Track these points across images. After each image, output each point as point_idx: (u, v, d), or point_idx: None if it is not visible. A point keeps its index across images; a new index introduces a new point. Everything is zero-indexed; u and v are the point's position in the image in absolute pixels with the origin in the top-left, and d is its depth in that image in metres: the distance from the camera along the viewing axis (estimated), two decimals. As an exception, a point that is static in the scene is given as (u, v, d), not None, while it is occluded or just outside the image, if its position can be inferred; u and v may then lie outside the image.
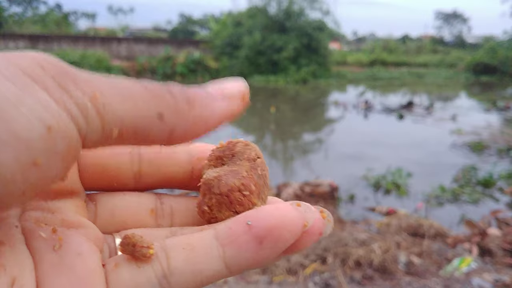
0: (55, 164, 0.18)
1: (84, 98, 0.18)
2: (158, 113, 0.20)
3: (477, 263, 2.50)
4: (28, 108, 0.16)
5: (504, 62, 21.74)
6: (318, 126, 8.78)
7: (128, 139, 0.20)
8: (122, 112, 0.19)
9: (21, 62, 0.18)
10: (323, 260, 2.53)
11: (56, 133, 0.17)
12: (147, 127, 0.20)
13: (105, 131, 0.19)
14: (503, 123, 8.54)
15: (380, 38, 34.39)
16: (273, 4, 19.09)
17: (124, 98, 0.20)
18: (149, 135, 0.21)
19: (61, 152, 0.18)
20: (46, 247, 0.21)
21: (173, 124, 0.21)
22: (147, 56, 18.79)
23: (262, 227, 0.21)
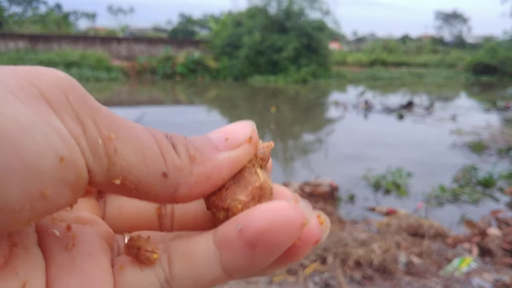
0: (64, 195, 0.17)
1: (98, 135, 0.18)
2: (163, 172, 0.20)
3: (477, 263, 2.50)
4: (42, 135, 0.15)
5: (504, 62, 21.75)
6: (318, 126, 8.78)
7: (129, 190, 0.20)
8: (131, 163, 0.19)
9: (41, 83, 0.17)
10: (323, 260, 2.53)
11: (68, 164, 0.16)
12: (151, 183, 0.20)
13: (108, 177, 0.19)
14: (503, 123, 8.55)
15: (380, 38, 34.40)
16: (273, 4, 19.11)
17: (137, 150, 0.19)
18: (151, 192, 0.20)
19: (70, 184, 0.17)
20: (59, 247, 0.21)
21: (177, 182, 0.20)
22: (147, 56, 18.80)
23: (252, 231, 0.20)
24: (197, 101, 12.78)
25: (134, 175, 0.19)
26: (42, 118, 0.16)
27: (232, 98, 13.47)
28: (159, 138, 0.21)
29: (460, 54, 26.49)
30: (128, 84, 16.03)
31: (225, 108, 11.32)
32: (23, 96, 0.16)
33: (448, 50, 29.36)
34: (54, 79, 0.17)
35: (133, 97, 13.47)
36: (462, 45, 34.99)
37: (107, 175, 0.18)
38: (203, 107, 11.34)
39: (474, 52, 25.68)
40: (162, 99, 13.22)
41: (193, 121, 8.55)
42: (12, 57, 15.97)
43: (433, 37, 38.82)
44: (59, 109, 0.17)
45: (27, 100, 0.16)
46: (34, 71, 0.17)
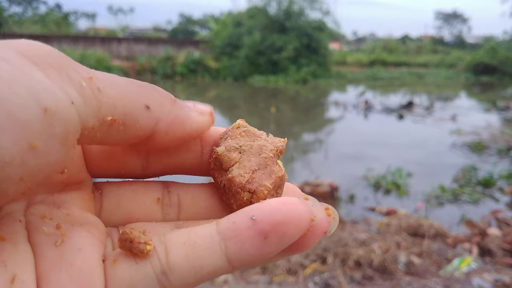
0: (54, 148, 0.17)
1: (82, 80, 0.19)
2: (145, 104, 0.22)
3: (477, 263, 2.50)
4: (24, 88, 0.16)
5: (504, 62, 21.74)
6: (318, 126, 8.78)
7: (118, 128, 0.21)
8: (115, 98, 0.20)
9: (20, 46, 0.18)
10: (323, 260, 2.53)
11: (54, 115, 0.17)
12: (135, 115, 0.21)
13: (100, 117, 0.20)
14: (503, 123, 8.54)
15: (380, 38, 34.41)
16: (273, 4, 19.11)
17: (117, 86, 0.21)
18: (136, 125, 0.22)
19: (59, 136, 0.17)
20: (47, 243, 0.21)
21: (158, 116, 0.22)
22: (147, 56, 18.79)
23: (267, 222, 0.21)
24: (197, 101, 12.76)
25: (120, 109, 0.21)
26: (25, 73, 0.16)
27: (232, 98, 13.46)
28: (137, 81, 0.23)
29: (460, 54, 26.48)
30: (128, 84, 16.03)
31: (225, 108, 11.32)
32: (6, 55, 0.16)
33: (448, 50, 29.36)
34: (33, 43, 0.19)
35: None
36: (462, 45, 34.98)
37: (99, 115, 0.20)
38: (203, 107, 11.32)
39: (474, 52, 25.67)
40: (162, 99, 13.21)
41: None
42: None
43: (433, 37, 38.82)
44: (41, 64, 0.17)
45: (10, 59, 0.16)
46: (19, 40, 0.18)
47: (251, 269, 2.45)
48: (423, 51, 28.74)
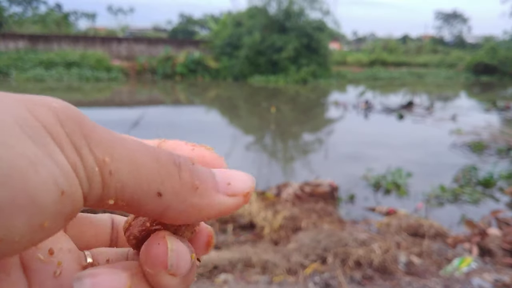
0: (59, 224, 0.18)
1: (94, 163, 0.18)
2: (158, 191, 0.20)
3: (477, 263, 2.50)
4: (47, 171, 0.16)
5: (504, 62, 21.76)
6: (318, 126, 8.78)
7: (120, 207, 0.20)
8: (125, 183, 0.19)
9: (43, 116, 0.17)
10: (323, 260, 2.53)
11: (67, 197, 0.17)
12: (143, 201, 0.20)
13: (102, 199, 0.19)
14: (503, 123, 8.55)
15: (380, 38, 34.40)
16: (273, 4, 19.11)
17: (132, 169, 0.19)
18: (141, 209, 0.20)
19: (66, 215, 0.18)
20: (46, 273, 0.21)
21: (169, 204, 0.21)
22: (147, 56, 18.80)
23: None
24: (197, 101, 12.78)
25: (127, 194, 0.19)
26: (47, 153, 0.17)
27: (232, 98, 13.46)
28: (163, 158, 0.21)
29: (460, 54, 26.49)
30: (128, 84, 16.03)
31: (225, 108, 11.32)
32: (29, 129, 0.16)
33: (448, 50, 29.36)
34: (51, 109, 0.18)
35: (133, 97, 13.47)
36: (462, 45, 34.99)
37: (101, 197, 0.19)
38: (203, 107, 11.35)
39: (474, 52, 25.68)
40: (162, 99, 13.22)
41: (193, 121, 8.55)
42: (12, 57, 15.96)
43: (433, 37, 38.83)
44: (59, 141, 0.17)
45: (32, 134, 0.16)
46: (31, 100, 0.18)
47: (251, 268, 2.45)
48: (423, 51, 28.75)
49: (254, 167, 5.28)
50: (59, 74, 15.60)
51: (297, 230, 3.03)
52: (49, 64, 16.03)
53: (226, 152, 5.66)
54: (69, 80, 15.35)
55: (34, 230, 0.16)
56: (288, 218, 3.14)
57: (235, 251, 2.64)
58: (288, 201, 3.61)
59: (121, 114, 9.03)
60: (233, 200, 0.23)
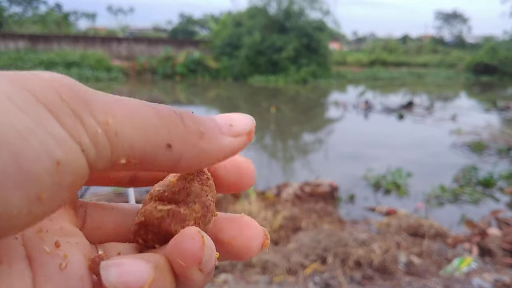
0: (60, 196, 0.17)
1: (97, 126, 0.18)
2: (167, 143, 0.20)
3: (477, 263, 2.50)
4: (38, 141, 0.16)
5: (504, 62, 21.76)
6: (318, 126, 8.78)
7: (133, 166, 0.20)
8: (133, 140, 0.19)
9: (35, 87, 0.17)
10: (323, 260, 2.53)
11: (65, 167, 0.17)
12: (154, 155, 0.20)
13: (113, 159, 0.19)
14: (503, 123, 8.55)
15: (380, 38, 34.41)
16: (273, 4, 19.11)
17: (136, 125, 0.19)
18: (155, 163, 0.21)
19: (67, 185, 0.17)
20: (52, 265, 0.21)
21: (180, 153, 0.21)
22: (147, 56, 18.80)
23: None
24: (197, 101, 12.78)
25: (137, 150, 0.19)
26: (39, 124, 0.16)
27: (232, 98, 13.47)
28: (163, 110, 0.21)
29: (460, 54, 26.49)
30: (128, 84, 16.04)
31: (225, 108, 11.32)
32: (20, 101, 0.16)
33: (448, 50, 29.37)
34: (45, 81, 0.18)
35: (133, 97, 13.42)
36: (462, 45, 34.99)
37: (112, 159, 0.19)
38: (203, 107, 11.35)
39: (474, 52, 25.68)
40: (162, 99, 13.22)
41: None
42: (12, 57, 15.97)
43: (433, 37, 38.83)
44: (55, 111, 0.17)
45: (24, 106, 0.16)
46: (24, 75, 0.18)
47: (251, 268, 2.45)
48: (423, 51, 28.76)
49: (254, 167, 5.26)
50: (59, 74, 15.60)
51: (297, 230, 3.03)
52: (49, 64, 16.03)
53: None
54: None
55: (31, 202, 0.16)
56: (288, 218, 3.14)
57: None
58: (288, 201, 3.61)
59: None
60: (239, 140, 0.24)
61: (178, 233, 0.22)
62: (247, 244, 0.25)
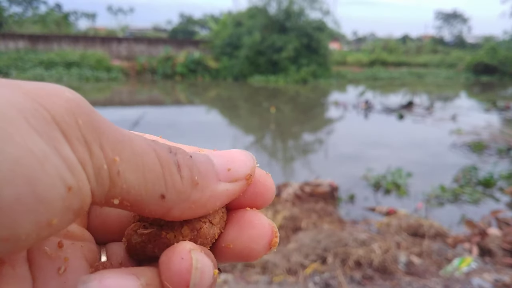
0: (68, 220, 0.17)
1: (104, 161, 0.18)
2: (161, 194, 0.20)
3: (477, 263, 2.50)
4: (53, 166, 0.16)
5: (504, 62, 21.75)
6: (318, 126, 8.78)
7: (124, 208, 0.20)
8: (131, 185, 0.19)
9: (52, 106, 0.17)
10: (323, 260, 2.53)
11: (75, 193, 0.17)
12: (147, 203, 0.20)
13: (108, 197, 0.19)
14: (503, 123, 8.55)
15: (380, 38, 34.41)
16: (273, 4, 19.11)
17: (138, 172, 0.19)
18: (145, 210, 0.20)
19: (75, 210, 0.17)
20: (50, 269, 0.21)
21: (172, 205, 0.21)
22: (147, 56, 18.80)
23: None
24: (197, 101, 12.78)
25: (132, 196, 0.19)
26: (54, 148, 0.16)
27: (232, 98, 13.46)
28: (163, 157, 0.20)
29: (460, 54, 26.48)
30: (128, 84, 16.03)
31: (225, 108, 11.32)
32: (36, 122, 0.16)
33: (448, 50, 29.37)
34: (64, 101, 0.17)
35: (133, 97, 13.46)
36: (462, 45, 34.99)
37: (107, 196, 0.19)
38: (203, 107, 11.34)
39: (474, 52, 25.68)
40: (162, 99, 13.21)
41: (193, 121, 8.54)
42: (12, 57, 15.96)
43: (433, 37, 38.82)
44: (69, 135, 0.17)
45: (40, 127, 0.16)
46: (42, 90, 0.17)
47: (251, 268, 2.45)
48: (423, 51, 28.76)
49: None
50: (59, 74, 15.60)
51: (297, 230, 3.03)
52: (49, 64, 16.03)
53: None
54: (69, 80, 15.34)
55: (41, 228, 0.16)
56: (288, 218, 3.14)
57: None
58: (288, 201, 3.61)
59: (121, 114, 9.03)
60: (236, 185, 0.23)
61: (169, 249, 0.21)
62: (248, 246, 0.23)
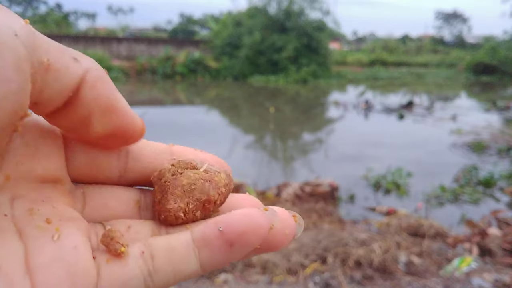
0: (8, 75, 0.18)
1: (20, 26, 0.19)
2: (73, 56, 0.22)
3: (477, 263, 2.50)
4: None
5: (504, 62, 21.73)
6: (318, 126, 8.78)
7: (53, 75, 0.21)
8: (46, 45, 0.21)
9: None
10: (323, 260, 2.53)
11: (2, 45, 0.18)
12: (66, 62, 0.22)
13: (39, 56, 0.20)
14: (503, 123, 8.54)
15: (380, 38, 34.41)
16: (273, 4, 19.10)
17: (45, 38, 0.21)
18: (67, 71, 0.22)
19: (11, 63, 0.18)
20: (44, 237, 0.21)
21: (86, 66, 0.23)
22: (147, 56, 18.79)
23: (232, 232, 0.23)
24: (197, 101, 12.78)
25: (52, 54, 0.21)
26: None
27: (232, 98, 13.46)
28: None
29: (460, 54, 26.48)
30: (128, 84, 16.03)
31: (225, 108, 11.32)
32: None
33: (448, 50, 29.38)
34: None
35: (133, 97, 13.46)
36: (462, 45, 34.98)
37: (37, 54, 0.20)
38: (203, 107, 11.34)
39: (474, 52, 25.66)
40: (162, 99, 13.22)
41: (193, 121, 8.54)
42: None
43: (433, 37, 38.82)
44: None
45: None
46: None
47: (252, 268, 2.45)
48: (423, 51, 28.77)
49: (254, 167, 5.28)
50: (59, 74, 15.60)
51: (297, 230, 3.02)
52: (49, 64, 16.02)
53: (226, 152, 5.67)
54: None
55: None
56: (288, 218, 3.13)
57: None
58: (288, 201, 3.61)
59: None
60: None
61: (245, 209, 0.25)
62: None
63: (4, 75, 0.18)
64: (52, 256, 0.21)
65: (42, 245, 0.21)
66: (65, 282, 0.20)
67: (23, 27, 0.19)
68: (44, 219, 0.22)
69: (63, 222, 0.23)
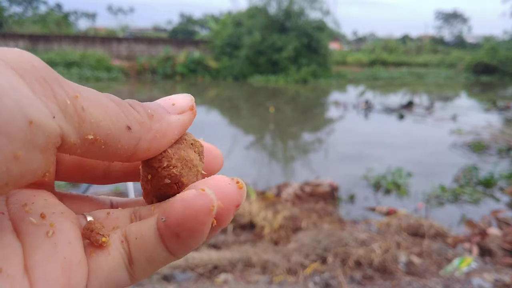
0: (36, 157, 0.18)
1: (66, 97, 0.20)
2: (127, 125, 0.22)
3: (477, 263, 2.50)
4: (12, 101, 0.17)
5: (504, 62, 21.73)
6: (318, 126, 8.78)
7: (100, 147, 0.21)
8: (98, 118, 0.21)
9: (9, 57, 0.19)
10: (323, 260, 2.53)
11: (37, 127, 0.18)
12: (118, 136, 0.22)
13: (81, 134, 0.20)
14: (503, 123, 8.54)
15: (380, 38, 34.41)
16: (273, 4, 19.11)
17: (99, 106, 0.21)
18: (118, 145, 0.22)
19: (40, 146, 0.18)
20: (39, 233, 0.22)
21: (139, 135, 0.23)
22: (147, 56, 18.79)
23: (173, 223, 0.22)
24: (197, 101, 12.65)
25: (102, 129, 0.21)
26: (13, 86, 0.17)
27: (232, 98, 13.46)
28: (115, 99, 0.23)
29: (460, 54, 26.48)
30: (128, 84, 16.03)
31: (225, 108, 11.32)
32: None
33: (448, 50, 29.37)
34: (22, 54, 0.19)
35: (133, 97, 13.42)
36: (462, 45, 34.98)
37: (80, 132, 0.20)
38: (203, 107, 11.34)
39: (474, 52, 25.67)
40: (162, 99, 13.19)
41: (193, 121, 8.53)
42: (12, 57, 15.95)
43: (433, 37, 38.81)
44: (27, 77, 0.18)
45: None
46: (7, 49, 0.19)
47: (252, 268, 2.45)
48: (423, 51, 28.76)
49: (254, 167, 5.27)
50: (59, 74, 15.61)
51: (297, 230, 3.03)
52: (49, 64, 15.70)
53: (226, 152, 5.66)
54: (69, 80, 15.34)
55: (8, 160, 0.17)
56: (288, 218, 3.14)
57: (235, 251, 2.64)
58: (288, 201, 3.61)
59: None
60: (185, 116, 0.26)
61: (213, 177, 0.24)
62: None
63: (27, 158, 0.18)
64: (47, 252, 0.21)
65: (38, 242, 0.21)
66: (61, 277, 0.21)
67: (68, 106, 0.19)
68: (39, 214, 0.23)
69: (56, 217, 0.23)
